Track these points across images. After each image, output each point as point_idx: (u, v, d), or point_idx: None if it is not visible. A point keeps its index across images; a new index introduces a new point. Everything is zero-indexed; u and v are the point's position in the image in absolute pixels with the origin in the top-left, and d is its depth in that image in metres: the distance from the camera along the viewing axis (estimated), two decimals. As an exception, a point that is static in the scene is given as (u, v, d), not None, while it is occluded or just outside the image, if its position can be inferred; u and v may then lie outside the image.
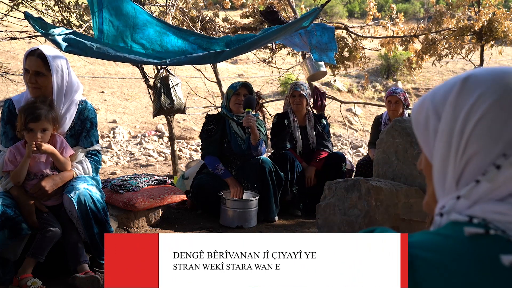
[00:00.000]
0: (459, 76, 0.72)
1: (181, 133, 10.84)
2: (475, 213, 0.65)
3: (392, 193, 2.69)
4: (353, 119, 13.25)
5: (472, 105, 0.67)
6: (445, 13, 5.92)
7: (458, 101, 0.69)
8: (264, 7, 5.60)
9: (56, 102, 2.59)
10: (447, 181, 0.70)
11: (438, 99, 0.72)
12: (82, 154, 2.71)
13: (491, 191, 0.65)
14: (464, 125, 0.67)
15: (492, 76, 0.69)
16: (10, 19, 4.91)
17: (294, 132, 4.21)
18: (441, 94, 0.72)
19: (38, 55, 2.52)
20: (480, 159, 0.66)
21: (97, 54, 2.99)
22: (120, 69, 14.25)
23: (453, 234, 0.64)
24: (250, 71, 16.30)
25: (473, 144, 0.67)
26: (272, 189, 3.69)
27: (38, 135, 2.47)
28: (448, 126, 0.69)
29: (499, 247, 0.61)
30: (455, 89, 0.70)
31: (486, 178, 0.65)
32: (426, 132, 0.74)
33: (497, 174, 0.64)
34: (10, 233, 2.34)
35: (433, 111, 0.72)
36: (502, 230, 0.62)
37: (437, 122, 0.71)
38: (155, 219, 3.46)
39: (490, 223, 0.63)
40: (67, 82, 2.62)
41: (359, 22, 15.42)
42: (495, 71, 0.70)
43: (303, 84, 4.30)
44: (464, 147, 0.67)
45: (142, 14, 3.37)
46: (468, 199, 0.66)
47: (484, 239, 0.62)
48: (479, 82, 0.69)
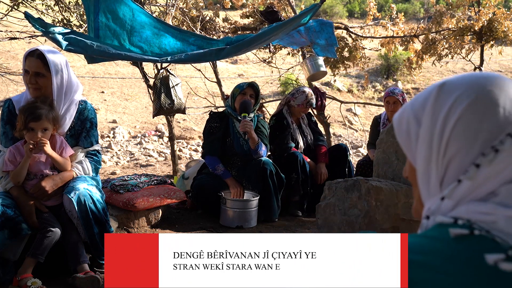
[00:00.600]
0: (435, 84, 0.76)
1: (181, 133, 10.84)
2: (460, 214, 0.67)
3: (392, 193, 2.69)
4: (353, 119, 13.25)
5: (449, 107, 0.70)
6: (445, 13, 5.92)
7: (436, 106, 0.72)
8: (264, 7, 5.60)
9: (56, 102, 2.59)
10: (431, 183, 0.73)
11: (417, 106, 0.76)
12: (82, 154, 2.71)
13: (473, 190, 0.67)
14: (443, 127, 0.70)
15: (466, 81, 0.72)
16: (10, 19, 4.91)
17: (294, 134, 4.23)
18: (420, 101, 0.76)
19: (37, 56, 2.52)
20: (461, 159, 0.69)
21: (98, 52, 2.99)
22: (120, 69, 14.25)
23: (440, 236, 0.66)
24: (250, 71, 16.30)
25: (453, 145, 0.69)
26: (273, 190, 3.68)
27: (38, 134, 2.47)
28: (428, 129, 0.72)
29: (484, 247, 0.63)
30: (433, 95, 0.74)
31: (467, 176, 0.67)
32: (408, 138, 0.77)
33: (476, 172, 0.67)
34: (10, 233, 2.34)
35: (413, 118, 0.76)
36: (486, 230, 0.64)
37: (418, 128, 0.74)
38: (155, 219, 3.46)
39: (474, 223, 0.66)
40: (67, 82, 2.61)
41: (359, 22, 15.42)
42: (470, 76, 0.73)
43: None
44: (444, 149, 0.70)
45: (140, 15, 3.35)
46: (451, 198, 0.69)
47: (469, 240, 0.64)
48: (455, 87, 0.72)
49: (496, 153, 0.66)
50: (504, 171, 0.66)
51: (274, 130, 4.20)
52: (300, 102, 4.25)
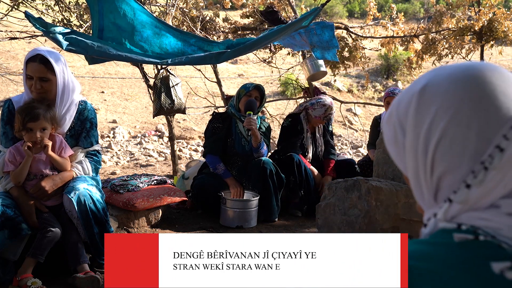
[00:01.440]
0: (417, 84, 0.70)
1: (181, 133, 10.84)
2: (462, 220, 0.65)
3: (392, 193, 2.69)
4: (353, 119, 13.25)
5: (430, 124, 0.66)
6: (445, 13, 5.93)
7: (417, 118, 0.68)
8: (264, 7, 5.60)
9: (57, 103, 2.59)
10: (424, 196, 0.70)
11: (401, 112, 0.71)
12: (82, 154, 2.71)
13: (467, 208, 0.64)
14: (427, 144, 0.66)
15: (447, 86, 0.67)
16: (10, 19, 4.91)
17: (306, 142, 4.19)
18: (403, 106, 0.71)
19: (40, 61, 2.48)
20: (451, 177, 0.65)
21: (98, 52, 2.99)
22: (120, 69, 14.25)
23: (444, 242, 0.64)
24: (250, 71, 16.30)
25: (440, 163, 0.66)
26: (273, 190, 3.68)
27: (37, 134, 2.47)
28: (412, 144, 0.68)
29: (490, 253, 0.60)
30: (413, 104, 0.69)
31: (458, 199, 0.64)
32: (396, 145, 0.73)
33: (468, 193, 0.63)
34: (10, 233, 2.34)
35: (398, 125, 0.71)
36: (492, 235, 0.62)
37: (403, 137, 0.71)
38: (155, 219, 3.46)
39: (479, 228, 0.63)
40: (67, 82, 2.62)
41: (359, 22, 15.42)
42: (451, 77, 0.68)
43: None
44: (431, 166, 0.67)
45: (141, 15, 3.35)
46: (444, 220, 0.66)
47: (474, 245, 0.62)
48: (435, 95, 0.67)
49: (486, 171, 0.62)
50: (496, 188, 0.63)
51: (286, 131, 4.17)
52: (317, 115, 4.17)
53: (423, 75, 0.72)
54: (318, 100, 4.24)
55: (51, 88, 2.55)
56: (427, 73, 0.72)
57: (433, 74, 0.70)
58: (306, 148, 4.18)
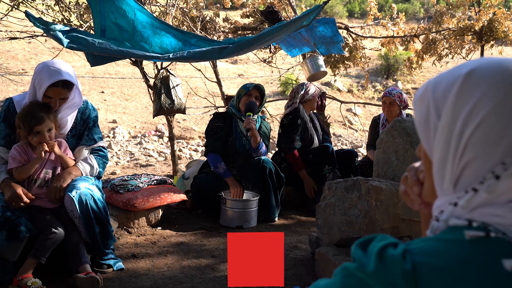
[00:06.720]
0: (462, 68, 0.69)
1: (181, 133, 10.84)
2: (474, 216, 0.64)
3: (392, 193, 2.68)
4: (353, 119, 13.25)
5: (472, 108, 0.65)
6: (445, 13, 5.93)
7: (459, 101, 0.66)
8: (264, 6, 5.60)
9: (63, 107, 2.63)
10: (445, 182, 0.69)
11: (439, 94, 0.69)
12: (87, 151, 2.74)
13: (489, 200, 0.64)
14: (463, 128, 0.65)
15: (495, 74, 0.66)
16: (10, 19, 4.91)
17: (311, 130, 4.27)
18: (443, 88, 0.69)
19: (63, 85, 2.53)
20: (478, 165, 0.64)
21: (100, 49, 2.98)
22: (120, 69, 14.24)
23: (454, 239, 0.64)
24: (250, 71, 16.30)
25: (472, 149, 0.65)
26: (273, 189, 3.69)
27: (46, 135, 2.51)
28: (447, 127, 0.67)
29: (501, 250, 0.60)
30: (456, 87, 0.67)
31: (485, 189, 0.63)
32: (427, 126, 0.71)
33: (496, 185, 0.62)
34: (8, 235, 2.34)
35: (433, 107, 0.70)
36: (503, 232, 0.62)
37: (437, 120, 0.69)
38: (155, 219, 3.46)
39: (490, 225, 0.63)
40: (77, 92, 2.67)
41: (359, 22, 15.43)
42: (500, 66, 0.66)
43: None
44: (462, 151, 0.66)
45: (142, 15, 3.35)
46: (467, 208, 0.65)
47: (485, 242, 0.62)
48: (481, 81, 0.66)
49: None
50: None
51: (288, 128, 4.19)
52: (313, 92, 4.29)
53: (468, 62, 0.71)
54: (300, 85, 4.35)
55: (64, 101, 2.62)
56: (474, 60, 0.70)
57: (481, 62, 0.69)
58: (311, 137, 4.25)
